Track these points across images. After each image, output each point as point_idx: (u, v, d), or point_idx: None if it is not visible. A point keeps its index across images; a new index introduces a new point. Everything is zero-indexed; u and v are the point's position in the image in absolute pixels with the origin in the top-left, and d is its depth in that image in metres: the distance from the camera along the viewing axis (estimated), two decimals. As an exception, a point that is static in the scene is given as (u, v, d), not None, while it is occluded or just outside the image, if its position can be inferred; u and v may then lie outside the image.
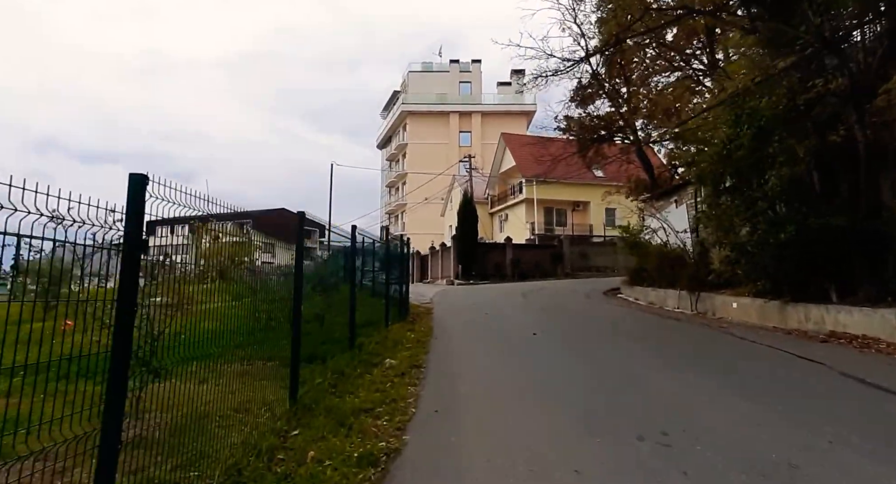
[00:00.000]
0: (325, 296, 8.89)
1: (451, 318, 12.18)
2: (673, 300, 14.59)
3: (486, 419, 4.39)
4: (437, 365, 6.49)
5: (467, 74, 62.36)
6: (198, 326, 3.68)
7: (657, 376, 5.71)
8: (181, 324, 3.42)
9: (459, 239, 32.53)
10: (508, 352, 7.34)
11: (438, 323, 10.93)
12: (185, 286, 3.68)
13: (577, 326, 10.56)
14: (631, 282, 18.88)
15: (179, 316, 3.47)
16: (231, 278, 4.91)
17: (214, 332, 3.84)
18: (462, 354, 7.29)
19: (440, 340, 8.52)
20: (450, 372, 6.08)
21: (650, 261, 16.55)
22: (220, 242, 4.60)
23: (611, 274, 33.09)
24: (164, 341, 3.20)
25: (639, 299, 17.10)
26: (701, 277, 13.60)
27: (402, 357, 7.05)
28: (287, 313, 4.89)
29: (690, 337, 8.83)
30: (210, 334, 3.77)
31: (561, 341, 8.36)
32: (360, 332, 9.24)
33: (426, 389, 5.32)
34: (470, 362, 6.73)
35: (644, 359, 6.81)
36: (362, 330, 9.34)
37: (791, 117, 8.32)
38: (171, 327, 3.28)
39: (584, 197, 39.82)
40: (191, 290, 3.77)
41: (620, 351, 7.41)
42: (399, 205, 61.31)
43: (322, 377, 5.59)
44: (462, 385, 5.46)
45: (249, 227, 6.49)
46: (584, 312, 13.28)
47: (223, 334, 3.97)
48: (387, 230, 11.26)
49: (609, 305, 15.49)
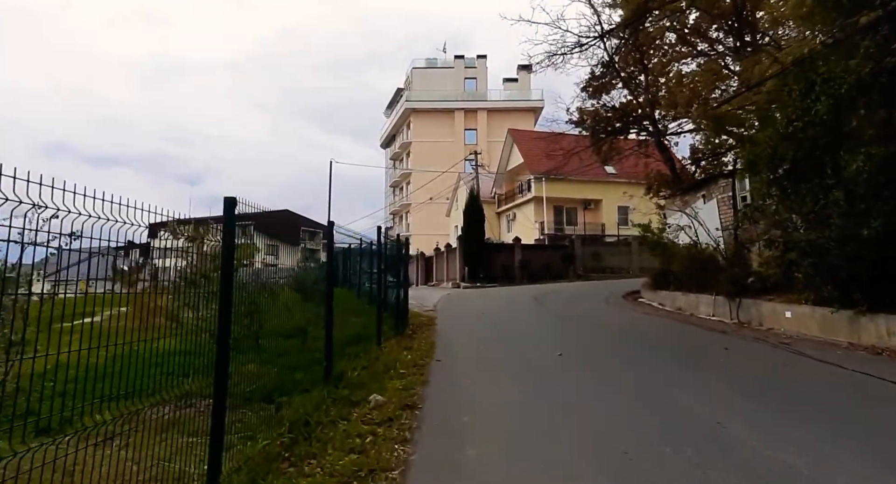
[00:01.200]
0: (310, 306, 7.34)
1: (456, 330, 10.57)
2: (706, 306, 12.92)
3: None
4: (437, 406, 4.87)
5: (472, 71, 60.73)
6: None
7: (752, 435, 3.96)
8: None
9: (465, 239, 30.89)
10: (529, 384, 5.65)
11: (442, 338, 9.32)
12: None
13: (608, 341, 8.91)
14: (654, 285, 17.19)
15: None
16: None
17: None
18: (470, 388, 5.64)
19: (443, 363, 6.91)
20: (454, 420, 4.44)
21: (677, 262, 14.87)
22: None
23: (626, 275, 31.38)
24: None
25: (664, 305, 15.41)
26: (740, 281, 11.94)
27: (393, 390, 5.45)
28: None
29: (752, 358, 7.14)
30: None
31: (594, 366, 6.59)
32: (347, 351, 7.65)
33: (420, 453, 3.70)
34: (481, 402, 5.06)
35: (719, 398, 4.99)
36: (349, 349, 7.75)
37: (879, 84, 6.67)
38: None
39: (596, 195, 38.10)
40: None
41: (678, 383, 5.59)
42: (403, 205, 59.75)
43: (276, 431, 3.98)
44: (471, 446, 3.83)
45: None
46: (609, 322, 11.63)
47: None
48: (380, 229, 9.85)
49: (634, 313, 13.81)
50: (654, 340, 8.85)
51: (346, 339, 8.60)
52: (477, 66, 60.86)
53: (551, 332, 10.15)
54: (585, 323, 11.59)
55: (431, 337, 9.33)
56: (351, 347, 7.94)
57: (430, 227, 50.08)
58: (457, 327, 10.96)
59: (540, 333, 9.93)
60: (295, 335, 7.60)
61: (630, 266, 32.61)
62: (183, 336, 3.44)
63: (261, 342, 5.88)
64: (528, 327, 10.72)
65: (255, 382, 5.30)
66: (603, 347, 8.02)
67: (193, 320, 4.13)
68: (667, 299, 15.45)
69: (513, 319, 12.35)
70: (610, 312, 14.33)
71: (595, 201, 38.51)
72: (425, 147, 55.60)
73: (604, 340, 8.77)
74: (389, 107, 67.49)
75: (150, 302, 3.09)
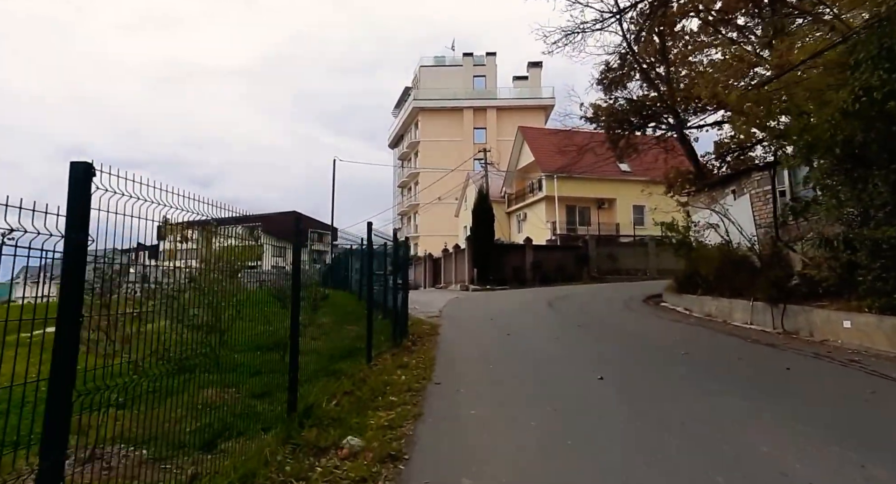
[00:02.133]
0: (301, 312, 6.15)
1: (461, 341, 9.31)
2: (742, 313, 11.57)
3: None
4: (429, 459, 3.57)
5: (481, 68, 59.44)
6: None
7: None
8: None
9: (474, 240, 29.61)
10: (550, 422, 4.29)
11: (444, 351, 8.06)
12: None
13: (640, 357, 7.57)
14: (678, 288, 15.83)
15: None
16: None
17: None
18: (474, 428, 4.27)
19: (443, 387, 5.67)
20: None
21: (706, 264, 13.52)
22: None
23: (642, 277, 29.97)
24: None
25: (691, 310, 14.06)
26: (784, 285, 10.59)
27: (376, 429, 4.21)
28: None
29: (824, 383, 5.77)
30: None
31: (630, 395, 5.11)
32: (335, 367, 6.45)
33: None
34: (487, 451, 3.74)
35: (808, 445, 3.66)
36: (338, 365, 6.55)
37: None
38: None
39: (610, 193, 36.66)
40: None
41: (744, 421, 4.17)
42: (412, 206, 58.58)
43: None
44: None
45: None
46: (635, 332, 10.31)
47: None
48: (370, 226, 8.59)
49: (660, 320, 12.48)
50: (695, 354, 7.50)
51: (338, 352, 7.42)
52: (486, 63, 59.58)
53: (570, 344, 8.86)
54: (608, 333, 10.29)
55: (432, 350, 8.08)
56: (341, 363, 6.74)
57: (439, 228, 48.85)
58: (463, 338, 9.70)
59: (557, 345, 8.64)
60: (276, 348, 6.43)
61: (647, 268, 31.18)
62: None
63: (226, 359, 4.72)
64: (543, 339, 9.43)
65: (207, 415, 4.12)
66: (636, 366, 6.71)
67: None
68: (694, 304, 14.10)
69: (525, 327, 11.08)
70: (633, 318, 12.99)
71: (609, 200, 37.05)
72: (434, 146, 54.40)
73: (634, 356, 7.46)
74: (397, 106, 66.40)
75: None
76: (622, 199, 36.66)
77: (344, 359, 7.12)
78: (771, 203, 13.20)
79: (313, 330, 7.69)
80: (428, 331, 10.34)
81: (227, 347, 4.79)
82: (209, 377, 4.00)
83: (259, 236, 6.05)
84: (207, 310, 4.85)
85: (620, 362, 6.88)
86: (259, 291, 5.90)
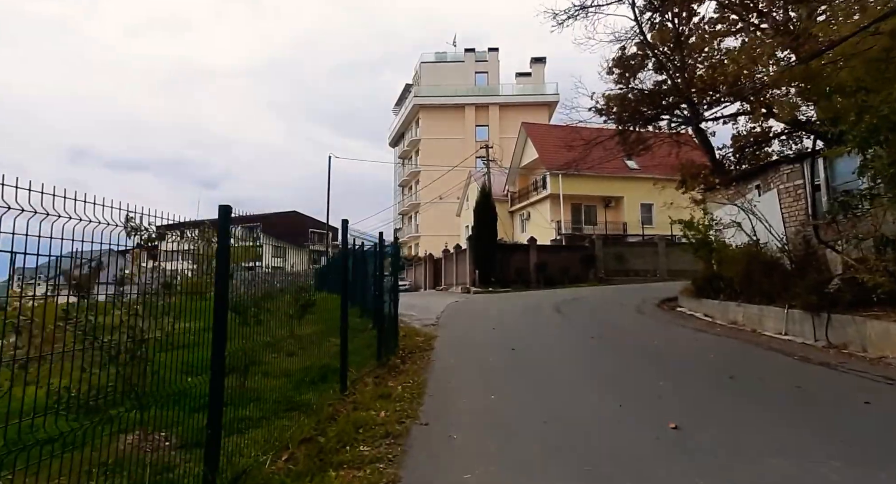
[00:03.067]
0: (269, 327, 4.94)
1: (459, 359, 8.06)
2: (775, 322, 10.31)
3: None
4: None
5: (483, 64, 58.17)
6: None
7: None
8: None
9: (476, 240, 28.35)
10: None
11: (438, 374, 6.80)
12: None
13: (671, 379, 6.27)
14: (696, 292, 14.56)
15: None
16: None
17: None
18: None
19: (433, 432, 4.38)
20: None
21: (732, 266, 12.24)
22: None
23: (651, 279, 28.68)
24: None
25: (712, 317, 12.79)
26: (825, 290, 9.34)
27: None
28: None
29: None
30: None
31: (688, 446, 3.90)
32: (299, 400, 5.23)
33: None
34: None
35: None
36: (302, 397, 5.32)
37: None
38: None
39: (617, 191, 35.35)
40: None
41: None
42: (412, 205, 57.35)
43: None
44: None
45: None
46: (658, 344, 9.03)
47: None
48: (345, 224, 7.36)
49: (681, 328, 11.23)
50: (742, 379, 6.18)
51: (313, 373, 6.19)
52: (488, 59, 58.31)
53: (588, 364, 7.60)
54: (630, 347, 9.02)
55: (424, 372, 6.83)
56: (310, 392, 5.51)
57: (441, 228, 47.63)
58: (460, 354, 8.44)
59: (573, 366, 7.38)
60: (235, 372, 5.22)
61: (657, 268, 29.88)
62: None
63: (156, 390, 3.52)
64: (554, 356, 8.18)
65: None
66: (678, 398, 5.37)
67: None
68: (716, 310, 12.83)
69: (532, 338, 9.83)
70: (652, 327, 11.74)
71: (616, 199, 35.75)
72: (435, 144, 53.13)
73: (671, 381, 6.15)
74: (398, 103, 65.15)
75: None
76: (630, 197, 35.38)
77: (315, 384, 5.89)
78: (803, 199, 11.93)
79: (292, 343, 6.48)
80: (421, 344, 9.09)
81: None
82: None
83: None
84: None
85: (657, 391, 5.61)
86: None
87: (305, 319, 7.74)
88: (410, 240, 57.99)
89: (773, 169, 13.10)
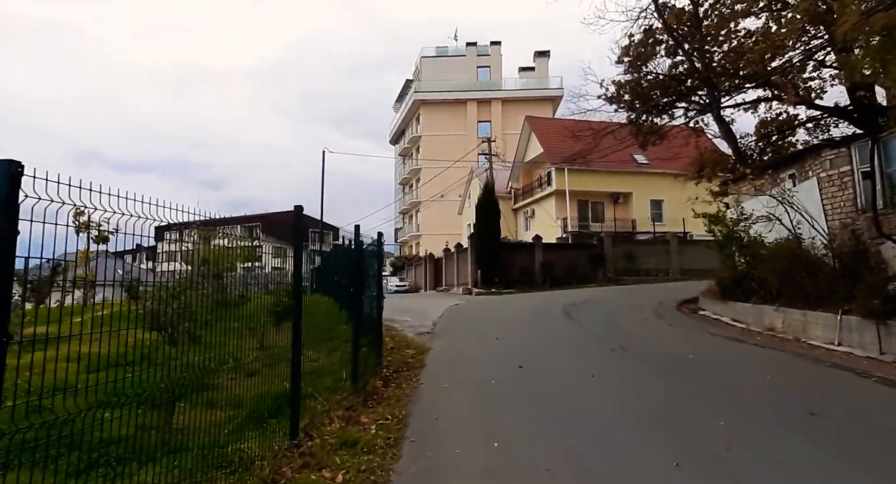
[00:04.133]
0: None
1: (456, 378, 6.61)
2: (824, 330, 8.84)
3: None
4: None
5: (486, 59, 56.64)
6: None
7: None
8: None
9: (478, 238, 26.86)
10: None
11: (428, 402, 5.35)
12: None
13: (742, 422, 4.73)
14: (722, 294, 13.05)
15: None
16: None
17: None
18: None
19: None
20: None
21: (768, 264, 10.74)
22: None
23: (663, 278, 27.17)
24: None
25: (744, 323, 11.32)
26: (888, 293, 7.88)
27: None
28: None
29: None
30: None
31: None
32: (230, 456, 3.80)
33: None
34: None
35: None
36: (242, 444, 3.90)
37: None
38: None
39: (626, 187, 33.81)
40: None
41: None
42: (413, 203, 55.89)
43: None
44: None
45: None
46: (697, 361, 7.52)
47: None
48: (299, 211, 5.72)
49: (714, 338, 9.75)
50: (824, 415, 4.69)
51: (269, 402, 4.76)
52: (491, 53, 56.78)
53: (611, 385, 6.12)
54: (656, 360, 7.55)
55: (408, 401, 5.37)
56: (250, 439, 4.07)
57: (442, 227, 46.18)
58: (457, 372, 6.98)
59: (594, 389, 5.91)
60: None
61: (669, 268, 28.35)
62: None
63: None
64: (570, 375, 6.72)
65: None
66: (735, 440, 3.94)
67: None
68: (747, 315, 11.35)
69: (542, 353, 8.36)
70: (677, 334, 10.26)
71: (624, 194, 34.20)
72: (436, 141, 51.63)
73: (724, 415, 4.64)
74: (399, 100, 63.68)
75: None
76: (639, 193, 33.84)
77: (263, 424, 4.44)
78: (851, 188, 10.45)
79: (261, 360, 5.05)
80: (411, 360, 7.64)
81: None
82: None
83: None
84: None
85: (718, 438, 4.12)
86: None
87: (283, 327, 6.32)
88: (411, 239, 56.55)
89: (813, 155, 11.60)
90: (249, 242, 5.26)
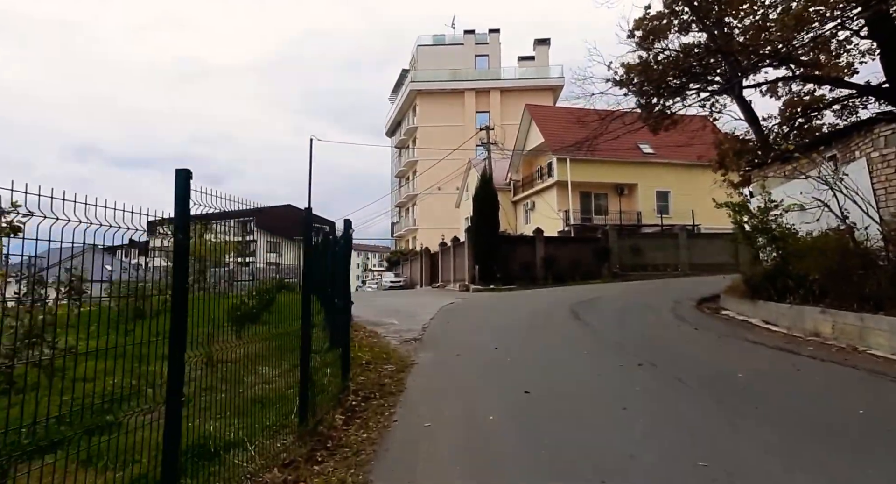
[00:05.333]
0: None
1: (443, 410, 5.05)
2: (890, 338, 7.29)
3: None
4: None
5: (484, 47, 54.86)
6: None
7: None
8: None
9: (476, 231, 25.31)
10: None
11: (399, 454, 3.81)
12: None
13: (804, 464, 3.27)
14: (751, 293, 11.50)
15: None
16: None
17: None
18: None
19: None
20: None
21: (810, 259, 9.19)
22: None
23: (672, 274, 25.67)
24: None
25: (780, 326, 9.80)
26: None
27: None
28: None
29: None
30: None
31: None
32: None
33: None
34: None
35: None
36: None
37: None
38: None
39: (631, 178, 32.25)
40: None
41: None
42: (409, 196, 54.29)
43: None
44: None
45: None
46: (749, 381, 5.91)
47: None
48: (184, 177, 3.56)
49: (755, 347, 8.21)
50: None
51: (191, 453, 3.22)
52: (489, 41, 54.99)
53: (650, 424, 4.55)
54: (698, 379, 5.99)
55: (373, 451, 3.81)
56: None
57: (439, 220, 44.57)
58: (444, 400, 5.42)
59: (629, 430, 4.36)
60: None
61: (678, 262, 26.84)
62: None
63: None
64: (590, 403, 5.18)
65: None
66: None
67: None
68: (783, 318, 9.83)
69: (551, 367, 6.84)
70: (708, 342, 8.74)
71: (630, 186, 32.62)
72: (433, 132, 49.88)
73: (812, 469, 3.21)
74: (395, 91, 61.84)
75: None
76: (644, 184, 32.28)
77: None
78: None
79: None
80: (388, 379, 6.08)
81: None
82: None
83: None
84: None
85: None
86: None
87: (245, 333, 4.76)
88: (408, 233, 54.97)
89: (861, 132, 10.02)
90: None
